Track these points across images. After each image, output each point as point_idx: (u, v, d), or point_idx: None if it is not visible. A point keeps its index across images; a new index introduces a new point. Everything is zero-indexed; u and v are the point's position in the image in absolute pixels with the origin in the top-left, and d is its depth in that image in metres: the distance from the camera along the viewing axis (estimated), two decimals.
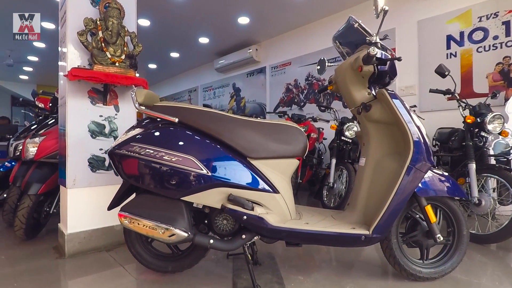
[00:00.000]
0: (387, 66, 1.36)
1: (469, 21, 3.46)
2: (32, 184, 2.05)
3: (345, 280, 1.51)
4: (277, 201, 1.36)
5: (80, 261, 1.77)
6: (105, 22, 1.88)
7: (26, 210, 2.02)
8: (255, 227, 1.30)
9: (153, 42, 6.03)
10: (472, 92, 3.43)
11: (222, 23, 5.14)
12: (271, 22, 5.11)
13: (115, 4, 1.93)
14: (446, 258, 1.50)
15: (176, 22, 5.07)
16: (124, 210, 1.33)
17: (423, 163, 1.34)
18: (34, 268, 1.68)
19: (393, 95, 1.39)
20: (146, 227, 1.29)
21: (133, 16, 2.12)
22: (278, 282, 1.48)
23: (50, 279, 1.54)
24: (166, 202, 1.33)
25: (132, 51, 2.01)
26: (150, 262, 1.52)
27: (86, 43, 1.82)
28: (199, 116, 1.37)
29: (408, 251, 1.53)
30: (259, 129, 1.40)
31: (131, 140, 1.35)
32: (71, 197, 1.87)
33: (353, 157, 3.07)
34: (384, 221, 1.32)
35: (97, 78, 1.76)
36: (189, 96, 8.31)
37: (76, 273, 1.62)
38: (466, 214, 1.50)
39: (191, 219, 1.35)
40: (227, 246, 1.34)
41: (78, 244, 1.87)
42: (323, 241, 1.37)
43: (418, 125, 1.36)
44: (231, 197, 1.29)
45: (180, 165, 1.28)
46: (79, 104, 1.89)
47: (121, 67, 1.89)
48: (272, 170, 1.41)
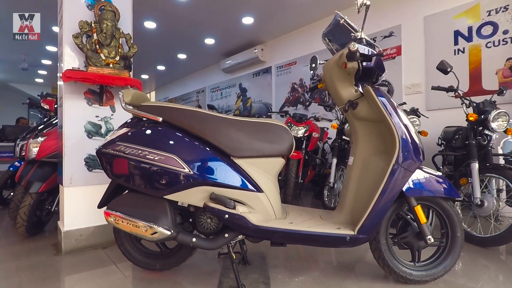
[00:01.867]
0: (372, 62, 1.33)
1: (478, 15, 3.34)
2: (33, 183, 2.12)
3: (331, 282, 1.48)
4: (260, 200, 1.35)
5: (75, 258, 1.81)
6: (99, 24, 1.92)
7: (27, 208, 2.08)
8: (237, 226, 1.29)
9: (160, 44, 6.12)
10: (481, 89, 3.31)
11: (226, 23, 5.17)
12: (275, 22, 5.09)
13: (109, 6, 1.97)
14: (439, 260, 1.45)
15: (181, 23, 5.13)
16: (110, 208, 1.35)
17: (411, 162, 1.30)
18: (31, 264, 1.73)
19: (379, 92, 1.36)
20: (130, 224, 1.30)
21: (128, 18, 2.16)
22: (264, 282, 1.47)
23: (44, 275, 1.59)
24: (150, 200, 1.34)
25: (127, 53, 2.04)
26: (139, 260, 1.54)
27: (81, 45, 1.87)
28: (183, 115, 1.37)
29: (400, 253, 1.49)
30: (244, 128, 1.39)
31: (117, 139, 1.37)
32: (68, 195, 1.92)
33: None
34: (370, 221, 1.29)
35: (91, 79, 1.80)
36: (197, 97, 8.39)
37: (70, 270, 1.66)
38: (460, 215, 1.45)
39: (174, 218, 1.35)
40: (209, 245, 1.34)
41: (75, 241, 1.92)
42: (307, 241, 1.34)
43: (405, 123, 1.32)
44: (213, 195, 1.29)
45: (163, 164, 1.29)
46: (76, 105, 1.94)
47: (115, 68, 1.93)
48: (257, 169, 1.40)
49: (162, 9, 4.57)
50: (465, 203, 2.18)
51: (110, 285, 1.47)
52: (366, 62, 1.31)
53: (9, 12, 4.60)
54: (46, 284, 1.49)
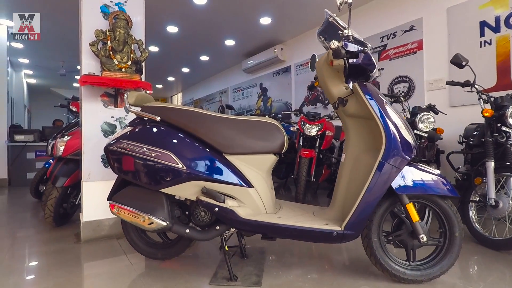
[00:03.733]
0: (360, 59, 1.32)
1: (506, 4, 3.12)
2: (59, 178, 2.34)
3: (324, 278, 1.49)
4: (250, 195, 1.40)
5: (92, 246, 1.98)
6: (113, 32, 2.08)
7: (53, 201, 2.31)
8: (226, 219, 1.36)
9: (183, 47, 6.36)
10: (510, 83, 3.09)
11: (244, 24, 5.26)
12: (293, 21, 5.09)
13: (122, 15, 2.12)
14: (436, 261, 1.41)
15: (201, 26, 5.30)
16: (114, 200, 1.48)
17: (398, 158, 1.28)
18: (55, 250, 1.93)
19: (365, 88, 1.35)
20: (130, 215, 1.42)
21: (141, 25, 2.31)
22: (257, 274, 1.52)
23: (63, 260, 1.77)
24: (149, 193, 1.45)
25: (138, 57, 2.19)
26: (143, 249, 1.66)
27: (97, 52, 2.04)
28: (179, 115, 1.46)
29: (396, 251, 1.47)
30: (236, 126, 1.46)
31: (121, 137, 1.49)
32: (87, 189, 2.10)
33: None
34: (356, 218, 1.29)
35: (104, 83, 1.96)
36: (220, 97, 8.58)
37: (85, 256, 1.83)
38: (458, 215, 1.40)
39: (171, 210, 1.45)
40: (202, 236, 1.42)
41: (92, 231, 2.10)
42: (294, 236, 1.37)
43: (393, 120, 1.31)
44: (204, 189, 1.37)
45: (159, 160, 1.39)
46: (93, 107, 2.12)
47: (127, 72, 2.08)
48: (248, 165, 1.45)
49: (182, 13, 4.76)
50: (480, 203, 2.07)
51: (117, 271, 1.61)
52: (353, 59, 1.31)
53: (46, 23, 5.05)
54: (63, 268, 1.66)
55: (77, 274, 1.59)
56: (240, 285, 1.41)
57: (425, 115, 2.49)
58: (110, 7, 2.17)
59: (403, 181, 1.33)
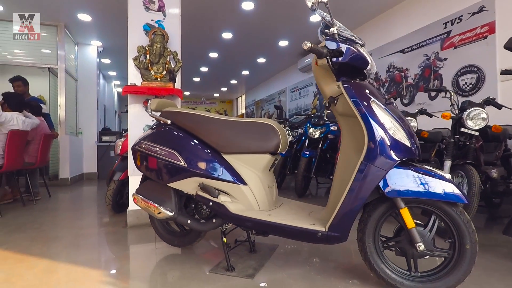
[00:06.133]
0: (346, 58, 1.27)
1: None
2: (116, 173, 2.80)
3: (318, 277, 1.48)
4: (242, 191, 1.49)
5: (133, 231, 2.33)
6: (151, 46, 2.40)
7: (111, 192, 2.77)
8: (219, 212, 1.48)
9: (239, 51, 6.69)
10: None
11: (295, 24, 5.28)
12: (345, 15, 4.89)
13: (160, 31, 2.43)
14: (440, 274, 1.26)
15: (253, 30, 5.51)
16: (135, 192, 1.75)
17: (383, 159, 1.20)
18: (106, 231, 2.34)
19: (348, 86, 1.29)
20: (145, 205, 1.66)
21: (177, 38, 2.59)
22: (255, 268, 1.59)
23: (109, 239, 2.14)
24: (160, 187, 1.67)
25: (173, 67, 2.47)
26: (163, 235, 1.90)
27: (138, 65, 2.38)
28: (184, 118, 1.64)
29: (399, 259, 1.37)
30: (234, 128, 1.56)
31: (142, 138, 1.75)
32: (132, 182, 2.48)
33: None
34: (339, 220, 1.26)
35: (142, 91, 2.29)
36: (279, 97, 8.70)
37: (126, 239, 2.17)
38: (471, 224, 1.22)
39: (178, 202, 1.64)
40: (200, 227, 1.57)
41: (136, 219, 2.46)
42: (281, 233, 1.40)
43: (378, 119, 1.22)
44: (201, 185, 1.51)
45: (166, 158, 1.59)
46: (137, 112, 2.48)
47: (162, 81, 2.37)
48: (243, 164, 1.54)
49: (233, 20, 5.05)
50: None
51: (143, 253, 1.88)
52: (336, 58, 1.27)
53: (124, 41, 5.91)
54: (108, 245, 2.01)
55: (114, 251, 1.92)
56: (235, 275, 1.51)
57: (474, 111, 2.17)
58: (151, 25, 2.51)
59: (396, 184, 1.23)
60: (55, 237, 2.20)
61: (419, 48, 4.29)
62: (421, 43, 4.25)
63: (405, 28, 4.48)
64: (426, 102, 4.18)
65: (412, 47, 4.40)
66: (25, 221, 2.65)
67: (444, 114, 2.28)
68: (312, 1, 1.27)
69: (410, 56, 4.44)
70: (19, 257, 1.79)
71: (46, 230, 2.38)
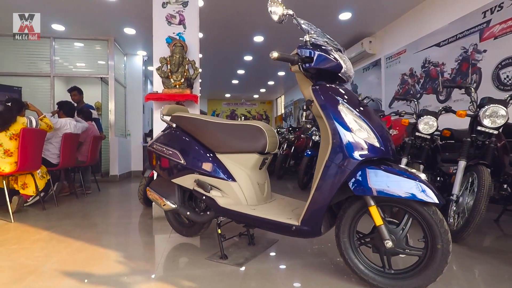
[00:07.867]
0: (316, 63, 1.33)
1: None
2: (146, 170, 3.16)
3: (306, 272, 1.56)
4: (231, 187, 1.64)
5: (157, 223, 2.63)
6: (172, 57, 2.68)
7: (142, 187, 3.13)
8: (210, 205, 1.65)
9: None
10: None
11: (324, 23, 5.26)
12: (378, 11, 4.75)
13: (180, 43, 2.70)
14: (412, 273, 1.28)
15: (283, 31, 5.60)
16: (149, 186, 2.01)
17: (346, 159, 1.25)
18: (135, 221, 2.68)
19: (316, 89, 1.36)
20: (154, 198, 1.91)
21: (196, 48, 2.84)
22: (247, 258, 1.73)
23: (135, 228, 2.47)
24: (166, 182, 1.90)
25: (191, 75, 2.72)
26: (174, 225, 2.14)
27: (160, 74, 2.68)
28: (186, 121, 1.85)
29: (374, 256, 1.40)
30: (227, 130, 1.73)
31: (155, 140, 2.01)
32: None
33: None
34: (309, 215, 1.34)
35: (161, 98, 2.58)
36: None
37: (148, 229, 2.47)
38: (444, 224, 1.22)
39: (182, 196, 1.86)
40: (198, 218, 1.76)
41: (160, 211, 2.76)
42: (261, 226, 1.52)
43: (343, 120, 1.28)
44: (196, 181, 1.70)
45: (170, 157, 1.82)
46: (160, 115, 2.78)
47: (180, 88, 2.64)
48: (234, 162, 1.70)
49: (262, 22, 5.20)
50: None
51: (158, 241, 2.16)
52: (307, 64, 1.35)
53: None
54: (131, 234, 2.33)
55: (134, 238, 2.22)
56: (227, 263, 1.67)
57: (491, 108, 2.03)
58: (172, 38, 2.79)
59: (364, 183, 1.28)
60: (92, 223, 2.60)
61: (456, 41, 3.99)
62: (458, 35, 3.94)
63: (440, 20, 4.20)
64: (463, 98, 3.88)
65: (449, 39, 4.10)
66: (74, 210, 3.13)
67: (459, 112, 2.16)
68: (279, 15, 1.37)
69: (446, 49, 4.15)
70: (61, 238, 2.17)
71: (88, 218, 2.80)
